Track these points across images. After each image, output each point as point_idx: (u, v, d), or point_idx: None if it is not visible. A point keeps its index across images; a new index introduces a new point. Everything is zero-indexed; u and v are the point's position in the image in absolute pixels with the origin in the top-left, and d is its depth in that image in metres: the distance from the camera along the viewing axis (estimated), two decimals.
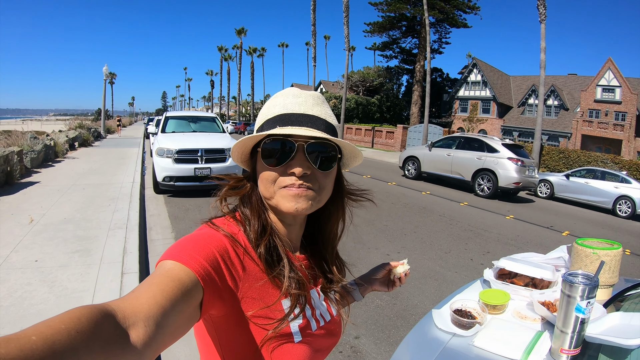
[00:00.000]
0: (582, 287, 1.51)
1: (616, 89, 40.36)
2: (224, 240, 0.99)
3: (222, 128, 13.78)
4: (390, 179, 18.83)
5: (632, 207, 17.27)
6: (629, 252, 10.79)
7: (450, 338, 1.79)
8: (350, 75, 52.93)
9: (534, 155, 27.64)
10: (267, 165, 1.05)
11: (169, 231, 7.89)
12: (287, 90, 1.14)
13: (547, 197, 19.95)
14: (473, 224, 11.50)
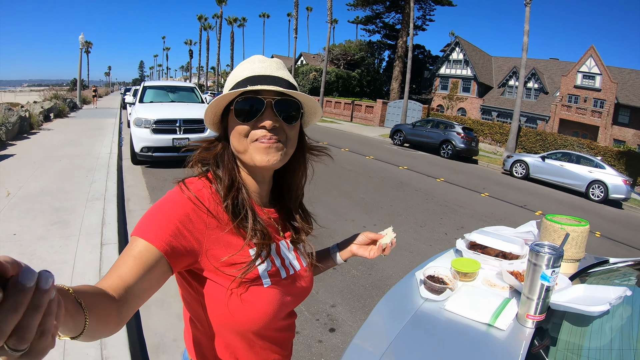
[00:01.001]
0: (548, 256, 1.60)
1: (597, 76, 40.65)
2: (187, 206, 1.13)
3: (201, 98, 13.61)
4: (368, 153, 18.92)
5: (604, 191, 17.72)
6: (599, 235, 11.03)
7: (422, 302, 1.87)
8: (331, 48, 52.43)
9: (511, 135, 28.01)
10: (240, 121, 1.17)
11: (147, 202, 7.84)
12: (253, 57, 1.26)
13: (522, 177, 20.27)
14: (448, 199, 11.64)
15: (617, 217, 15.65)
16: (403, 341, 1.64)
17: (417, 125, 25.87)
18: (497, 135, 34.46)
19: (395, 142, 26.49)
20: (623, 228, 13.26)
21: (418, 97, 48.68)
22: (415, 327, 1.73)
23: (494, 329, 1.72)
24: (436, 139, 24.00)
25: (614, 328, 1.86)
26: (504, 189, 15.81)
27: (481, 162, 24.84)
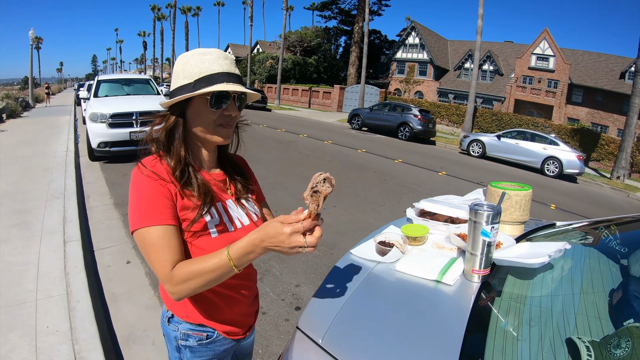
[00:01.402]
0: (487, 213, 1.72)
1: (550, 58, 41.70)
2: (155, 183, 1.41)
3: (157, 90, 13.29)
4: (326, 138, 18.94)
5: (559, 167, 18.24)
6: (554, 207, 11.32)
7: (375, 265, 1.98)
8: (287, 35, 52.19)
9: (467, 116, 28.41)
10: (211, 110, 1.46)
11: (107, 197, 7.70)
12: (215, 52, 1.51)
13: (479, 156, 20.62)
14: (407, 179, 11.77)
15: (571, 190, 16.05)
16: (356, 300, 1.72)
17: (375, 109, 25.93)
18: (454, 117, 34.95)
19: (353, 126, 26.52)
20: (577, 201, 13.64)
21: (375, 82, 48.99)
22: (367, 288, 1.82)
23: (442, 284, 1.81)
24: (393, 122, 24.14)
25: (555, 278, 1.96)
26: (461, 167, 16.02)
27: (439, 143, 25.10)
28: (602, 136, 28.90)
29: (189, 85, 1.44)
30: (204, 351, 1.64)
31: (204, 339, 1.62)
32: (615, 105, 39.98)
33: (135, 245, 5.43)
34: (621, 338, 1.44)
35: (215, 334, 1.63)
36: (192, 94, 1.42)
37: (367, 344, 1.48)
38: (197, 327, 1.60)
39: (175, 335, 1.62)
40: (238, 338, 1.73)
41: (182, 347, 1.63)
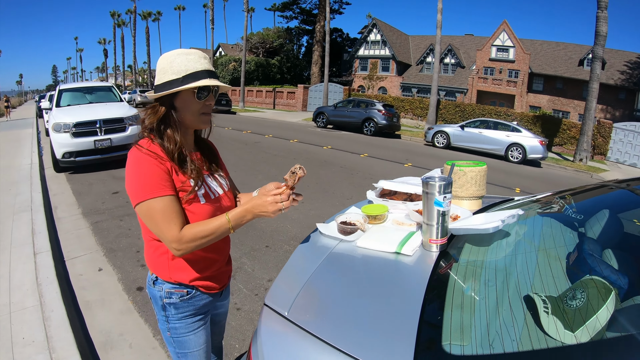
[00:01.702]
0: (438, 184, 1.82)
1: (510, 49, 42.26)
2: (155, 160, 1.67)
3: (119, 97, 13.06)
4: (292, 137, 18.96)
5: (522, 153, 18.59)
6: (519, 190, 11.52)
7: (337, 243, 2.07)
8: (249, 37, 51.98)
9: (430, 109, 28.98)
10: (197, 100, 1.76)
11: (75, 207, 7.54)
12: (196, 52, 1.80)
13: (444, 147, 20.84)
14: (373, 172, 11.83)
15: (536, 174, 16.36)
16: (320, 275, 1.80)
17: (339, 106, 25.98)
18: (418, 110, 35.23)
19: (318, 124, 26.55)
20: (542, 183, 13.92)
21: (339, 80, 49.11)
22: (330, 263, 1.90)
23: (401, 256, 1.86)
24: (358, 118, 24.24)
25: (511, 243, 2.01)
26: (427, 158, 16.20)
27: (404, 136, 25.33)
28: (563, 121, 29.48)
29: (177, 80, 1.72)
30: (186, 306, 1.92)
31: (185, 295, 1.90)
32: (575, 91, 40.85)
33: (106, 253, 5.43)
34: (576, 290, 1.49)
35: (195, 290, 1.92)
36: (184, 87, 1.71)
37: (330, 313, 1.55)
38: (178, 286, 1.88)
39: (160, 294, 1.89)
40: (214, 292, 2.02)
41: (167, 305, 1.90)
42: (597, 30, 21.35)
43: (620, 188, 2.58)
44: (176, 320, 1.93)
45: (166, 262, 1.85)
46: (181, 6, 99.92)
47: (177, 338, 1.97)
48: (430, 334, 1.39)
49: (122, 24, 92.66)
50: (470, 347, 1.33)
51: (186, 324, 1.95)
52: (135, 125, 10.85)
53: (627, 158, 26.70)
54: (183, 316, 1.93)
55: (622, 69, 40.27)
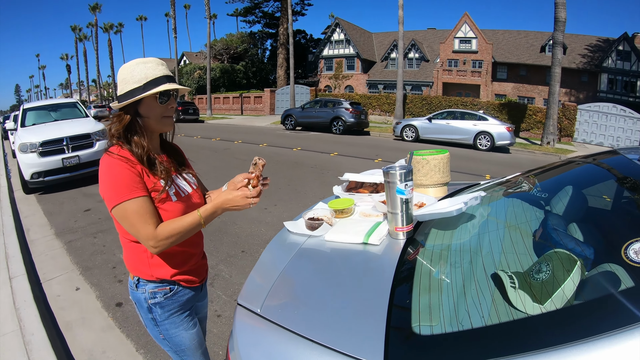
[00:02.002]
0: (399, 172, 1.85)
1: (472, 40, 42.92)
2: (126, 165, 1.75)
3: (85, 112, 12.77)
4: (261, 141, 18.89)
5: (490, 140, 18.78)
6: (489, 177, 11.43)
7: (306, 239, 2.12)
8: (213, 44, 51.64)
9: (397, 104, 29.13)
10: (159, 104, 1.85)
11: (48, 228, 7.34)
12: (153, 60, 1.89)
13: (413, 140, 20.93)
14: (344, 170, 11.58)
15: (505, 160, 16.59)
16: (290, 271, 1.85)
17: (307, 108, 25.95)
18: (385, 106, 35.38)
19: (287, 127, 26.46)
20: (512, 168, 13.87)
21: (305, 81, 49.14)
22: (300, 259, 1.95)
23: (369, 246, 1.90)
24: (326, 118, 24.21)
25: (476, 224, 2.05)
26: (396, 152, 16.26)
27: (373, 132, 25.40)
28: (528, 107, 29.98)
29: (139, 88, 1.79)
30: (171, 304, 1.98)
31: (169, 292, 1.96)
32: (539, 77, 41.52)
33: (82, 272, 5.31)
34: (542, 264, 1.52)
35: (177, 285, 1.98)
36: (146, 93, 1.78)
37: (302, 306, 1.58)
38: (160, 284, 1.94)
39: (144, 296, 1.94)
40: (195, 286, 2.08)
41: (153, 306, 1.95)
42: (556, 16, 21.77)
43: (585, 163, 2.65)
44: (164, 320, 1.99)
45: (146, 261, 1.90)
46: (143, 16, 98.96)
47: (170, 337, 2.04)
48: (400, 318, 1.43)
49: (84, 38, 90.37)
50: (440, 326, 1.36)
51: (175, 322, 2.01)
52: (102, 140, 10.54)
53: (593, 138, 27.41)
54: (170, 314, 1.99)
55: (583, 53, 41.23)
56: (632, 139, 26.31)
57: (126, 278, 5.09)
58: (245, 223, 6.94)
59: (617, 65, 39.51)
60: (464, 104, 30.47)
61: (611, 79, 39.83)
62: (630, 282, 1.26)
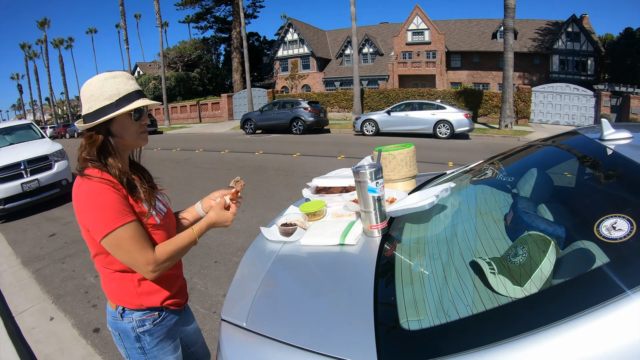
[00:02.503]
0: (369, 171, 1.85)
1: (425, 31, 43.62)
2: (112, 188, 1.63)
3: (41, 133, 12.22)
4: (222, 148, 18.67)
5: (450, 128, 19.11)
6: (452, 164, 11.74)
7: (281, 246, 2.10)
8: (166, 52, 50.97)
9: (355, 99, 29.47)
10: (133, 121, 1.75)
11: (14, 258, 7.02)
12: (123, 74, 1.79)
13: (373, 134, 21.12)
14: (307, 170, 11.84)
15: (465, 146, 16.81)
16: (270, 280, 1.81)
17: (265, 110, 25.85)
18: (344, 102, 35.47)
19: (247, 131, 26.32)
20: (473, 154, 14.18)
21: (261, 84, 48.93)
22: (278, 267, 1.92)
23: (346, 246, 1.90)
24: (285, 119, 24.18)
25: (449, 215, 2.09)
26: (358, 148, 16.31)
27: (333, 130, 25.50)
28: (484, 93, 30.53)
29: (112, 105, 1.67)
30: (159, 330, 1.88)
31: (157, 318, 1.85)
32: (492, 63, 42.52)
33: (54, 300, 5.11)
34: (517, 247, 1.54)
35: (165, 311, 1.88)
36: (121, 110, 1.67)
37: (288, 315, 1.55)
38: (148, 311, 1.83)
39: (132, 325, 1.82)
40: (180, 309, 2.00)
41: (141, 335, 1.84)
42: (505, 3, 22.44)
43: (547, 145, 2.70)
44: (153, 347, 1.89)
45: (133, 290, 1.79)
46: (93, 29, 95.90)
47: None
48: (387, 315, 1.42)
49: (34, 55, 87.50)
50: (427, 320, 1.36)
51: (163, 348, 1.93)
52: (61, 160, 10.21)
53: (549, 118, 28.51)
54: (158, 341, 1.90)
55: (533, 37, 42.53)
56: (586, 116, 27.23)
57: (101, 302, 4.85)
58: (214, 232, 6.80)
59: (568, 47, 40.90)
60: (420, 95, 30.81)
61: (562, 59, 41.14)
62: (605, 257, 1.28)
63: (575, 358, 1.02)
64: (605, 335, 1.01)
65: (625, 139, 1.93)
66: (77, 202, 1.64)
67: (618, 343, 1.00)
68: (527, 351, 1.06)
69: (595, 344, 1.01)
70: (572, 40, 40.79)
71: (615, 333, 1.01)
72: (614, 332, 1.01)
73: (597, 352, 1.01)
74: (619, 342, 1.00)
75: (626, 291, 1.06)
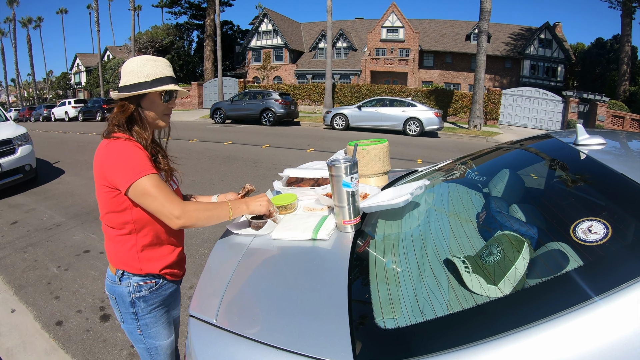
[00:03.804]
0: (344, 165, 1.83)
1: (400, 29, 43.90)
2: (137, 145, 1.80)
3: (5, 116, 11.47)
4: (191, 137, 18.37)
5: (420, 126, 19.39)
6: (421, 161, 11.89)
7: (252, 240, 2.04)
8: (137, 37, 50.14)
9: (326, 93, 29.43)
10: (162, 102, 1.93)
11: None
12: (162, 60, 1.98)
13: (343, 129, 21.24)
14: (276, 162, 11.81)
15: (435, 144, 17.00)
16: (240, 275, 1.75)
17: (236, 100, 25.69)
18: (315, 96, 35.47)
19: (216, 120, 26.13)
20: (442, 152, 14.46)
21: (233, 73, 48.47)
22: (248, 261, 1.87)
23: (318, 241, 1.88)
24: (256, 110, 24.08)
25: (422, 212, 2.10)
26: (328, 141, 16.33)
27: (303, 122, 25.53)
28: (455, 93, 30.98)
29: (146, 83, 1.85)
30: (154, 297, 1.98)
31: (154, 286, 1.96)
32: (464, 64, 43.34)
33: (16, 291, 4.90)
34: (492, 247, 1.54)
35: (162, 279, 1.99)
36: (154, 89, 1.86)
37: (259, 311, 1.51)
38: (146, 277, 1.93)
39: (128, 290, 1.93)
40: (178, 280, 2.12)
41: (136, 300, 1.94)
42: (481, 7, 22.87)
43: (515, 148, 2.75)
44: (146, 314, 1.99)
45: (135, 255, 1.90)
46: (63, 9, 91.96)
47: (147, 332, 2.03)
48: (362, 313, 1.41)
49: (1, 34, 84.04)
50: (403, 318, 1.35)
51: (155, 317, 2.02)
52: (25, 145, 9.68)
53: (517, 120, 29.17)
54: (152, 308, 1.99)
55: (506, 41, 43.38)
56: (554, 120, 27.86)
57: (63, 294, 4.72)
58: None
59: (539, 52, 41.91)
60: (392, 92, 31.00)
61: (533, 65, 42.09)
62: (580, 259, 1.30)
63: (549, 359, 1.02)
64: (586, 335, 1.02)
65: (599, 144, 1.97)
66: (102, 158, 1.77)
67: (600, 343, 1.01)
68: (503, 351, 1.05)
69: (573, 345, 1.02)
70: (544, 46, 41.73)
71: (595, 333, 1.02)
72: (593, 333, 1.02)
73: (573, 353, 1.01)
74: (600, 342, 1.01)
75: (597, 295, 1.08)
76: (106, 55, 62.91)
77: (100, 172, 1.78)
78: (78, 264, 5.39)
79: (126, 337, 3.73)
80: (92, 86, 60.11)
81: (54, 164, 12.54)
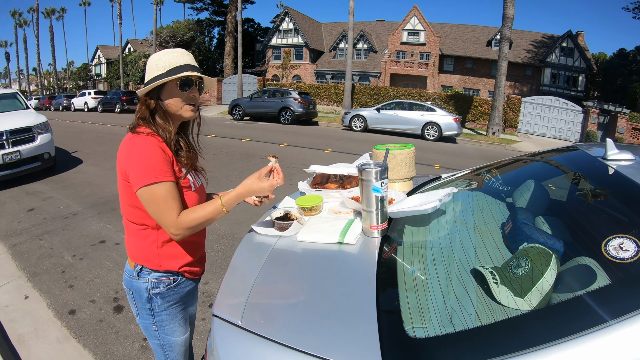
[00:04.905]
0: (375, 170, 1.81)
1: (421, 32, 43.63)
2: (156, 142, 1.78)
3: (26, 104, 11.58)
4: (209, 132, 18.36)
5: (438, 130, 19.24)
6: (439, 167, 11.88)
7: (277, 240, 2.01)
8: (159, 31, 50.18)
9: (346, 94, 29.38)
10: (181, 92, 1.87)
11: None
12: (179, 50, 1.94)
13: (361, 130, 21.10)
14: (294, 161, 11.74)
15: (452, 150, 16.88)
16: (265, 276, 1.73)
17: (255, 97, 25.70)
18: (334, 96, 35.47)
19: (235, 117, 26.14)
20: (459, 158, 14.39)
21: (252, 70, 48.66)
22: (274, 262, 1.84)
23: (344, 245, 1.86)
24: (275, 108, 24.03)
25: (449, 220, 2.08)
26: (346, 142, 16.25)
27: (321, 122, 25.49)
28: (474, 99, 30.85)
29: (162, 75, 1.83)
30: (172, 295, 1.96)
31: (172, 283, 1.94)
32: (485, 70, 42.97)
33: (30, 278, 4.93)
34: (520, 259, 1.54)
35: (181, 276, 1.97)
36: (167, 78, 1.81)
37: (285, 314, 1.49)
38: (165, 274, 1.92)
39: (146, 286, 1.92)
40: (197, 278, 2.10)
41: (153, 296, 1.93)
42: (504, 12, 22.65)
43: (541, 160, 2.72)
44: (162, 311, 1.97)
45: (155, 251, 1.89)
46: (86, 1, 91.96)
47: (163, 329, 2.01)
48: (391, 321, 1.38)
49: (24, 24, 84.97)
50: (433, 327, 1.33)
51: (171, 314, 2.00)
52: (45, 133, 9.81)
53: (536, 129, 28.88)
54: (169, 305, 1.98)
55: (528, 48, 42.90)
56: (573, 130, 27.51)
57: (77, 283, 4.73)
58: None
59: (561, 61, 41.41)
60: (411, 95, 30.91)
61: (554, 73, 41.64)
62: (609, 276, 1.29)
63: None
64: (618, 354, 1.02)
65: (628, 160, 1.95)
66: (125, 152, 1.79)
67: None
68: None
69: None
70: (565, 55, 41.26)
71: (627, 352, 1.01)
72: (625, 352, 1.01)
73: None
74: None
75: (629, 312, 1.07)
76: (127, 48, 63.21)
77: (121, 166, 1.80)
78: (93, 254, 5.43)
79: (139, 330, 3.74)
80: (112, 78, 60.59)
81: (73, 153, 12.68)
